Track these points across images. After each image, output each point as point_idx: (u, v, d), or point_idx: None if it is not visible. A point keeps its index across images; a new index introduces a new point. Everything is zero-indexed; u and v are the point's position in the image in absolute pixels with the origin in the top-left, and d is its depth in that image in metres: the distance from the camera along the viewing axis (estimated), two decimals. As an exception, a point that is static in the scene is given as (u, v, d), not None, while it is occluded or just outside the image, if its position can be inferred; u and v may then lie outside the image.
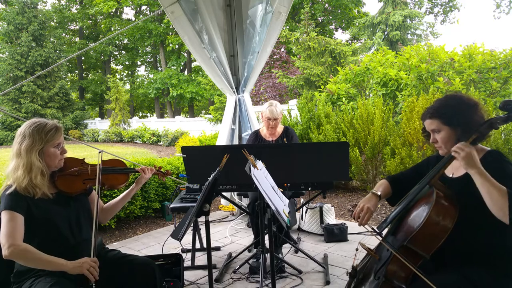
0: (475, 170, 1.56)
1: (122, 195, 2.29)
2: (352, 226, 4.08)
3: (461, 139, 1.68)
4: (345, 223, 3.92)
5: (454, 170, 1.81)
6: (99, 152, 2.21)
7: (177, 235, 1.95)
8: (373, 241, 1.88)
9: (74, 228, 1.96)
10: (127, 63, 32.70)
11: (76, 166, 2.10)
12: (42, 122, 1.95)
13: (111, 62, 33.42)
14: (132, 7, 29.63)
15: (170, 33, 26.17)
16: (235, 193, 4.52)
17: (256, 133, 3.83)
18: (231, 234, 4.16)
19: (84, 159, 2.17)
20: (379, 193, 1.96)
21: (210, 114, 16.09)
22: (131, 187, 2.30)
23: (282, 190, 2.56)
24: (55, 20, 29.86)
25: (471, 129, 1.67)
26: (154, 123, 20.99)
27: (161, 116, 30.70)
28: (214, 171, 2.14)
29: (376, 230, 1.82)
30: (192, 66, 28.97)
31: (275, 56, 15.14)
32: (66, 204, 1.98)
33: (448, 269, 1.70)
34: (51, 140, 1.92)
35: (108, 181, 2.17)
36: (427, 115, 1.81)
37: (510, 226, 1.51)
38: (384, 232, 1.90)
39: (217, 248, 3.74)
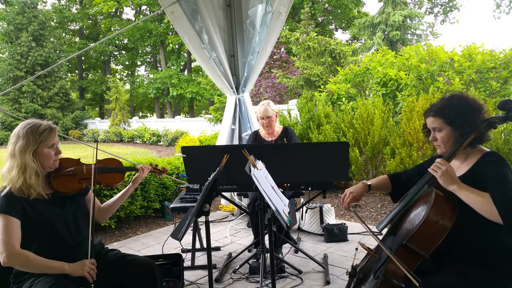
0: (455, 186, 1.59)
1: (118, 194, 2.30)
2: (352, 226, 4.08)
3: (459, 140, 1.69)
4: (345, 223, 3.92)
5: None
6: (94, 142, 2.23)
7: (177, 235, 1.95)
8: (372, 241, 1.87)
9: (71, 228, 1.96)
10: (127, 63, 32.69)
11: (71, 166, 2.10)
12: (36, 122, 1.95)
13: (111, 62, 33.41)
14: (132, 7, 29.62)
15: (170, 33, 26.16)
16: (235, 193, 4.52)
17: (256, 134, 3.84)
18: (231, 234, 4.16)
19: (79, 159, 2.17)
20: (368, 183, 2.04)
21: (210, 114, 16.07)
22: (128, 186, 2.30)
23: (282, 190, 2.56)
24: (55, 20, 29.84)
25: (471, 131, 1.67)
26: (154, 123, 20.98)
27: (161, 116, 30.70)
28: (214, 171, 2.14)
29: (376, 231, 1.82)
30: (192, 66, 28.97)
31: (275, 56, 15.12)
32: (62, 204, 1.98)
33: (448, 269, 1.70)
34: (45, 141, 1.91)
35: (104, 180, 2.17)
36: (431, 113, 1.80)
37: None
38: (384, 231, 1.91)
39: (217, 248, 3.74)
